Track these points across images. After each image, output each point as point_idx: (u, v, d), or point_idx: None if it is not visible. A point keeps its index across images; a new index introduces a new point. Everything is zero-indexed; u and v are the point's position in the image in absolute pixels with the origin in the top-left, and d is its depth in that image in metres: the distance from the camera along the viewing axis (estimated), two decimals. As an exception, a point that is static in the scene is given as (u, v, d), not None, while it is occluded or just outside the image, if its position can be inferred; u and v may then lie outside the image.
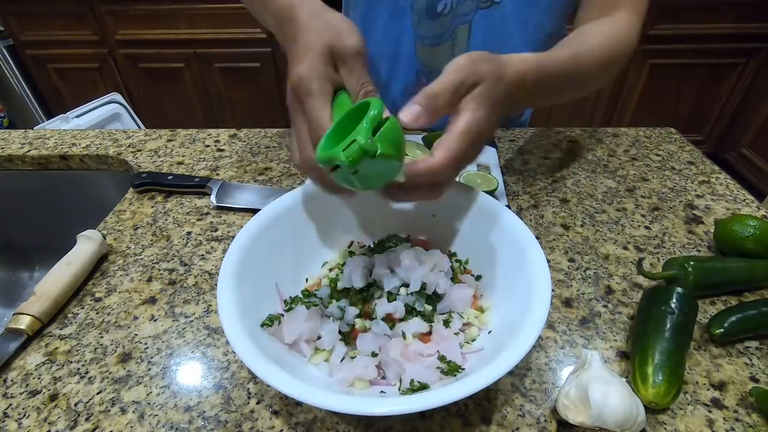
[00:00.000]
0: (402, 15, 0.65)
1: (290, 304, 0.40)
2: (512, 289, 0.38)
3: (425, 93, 0.35)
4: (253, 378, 0.38)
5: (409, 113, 0.35)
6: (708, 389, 0.37)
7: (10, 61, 2.04)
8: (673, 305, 0.39)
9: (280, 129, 0.78)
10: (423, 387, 0.33)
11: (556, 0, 0.63)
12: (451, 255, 0.45)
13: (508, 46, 0.64)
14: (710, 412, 0.35)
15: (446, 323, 0.38)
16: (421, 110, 0.35)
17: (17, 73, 2.08)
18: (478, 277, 0.43)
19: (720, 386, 0.37)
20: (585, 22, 0.58)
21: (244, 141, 0.75)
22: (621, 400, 0.31)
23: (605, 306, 0.45)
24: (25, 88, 2.12)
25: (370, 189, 0.35)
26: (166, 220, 0.58)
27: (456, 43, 0.65)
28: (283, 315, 0.38)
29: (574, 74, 0.49)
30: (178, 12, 1.89)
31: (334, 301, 0.39)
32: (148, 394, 0.37)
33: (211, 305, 0.46)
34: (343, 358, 0.36)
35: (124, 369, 0.39)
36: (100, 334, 0.43)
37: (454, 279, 0.42)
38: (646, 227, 0.55)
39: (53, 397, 0.37)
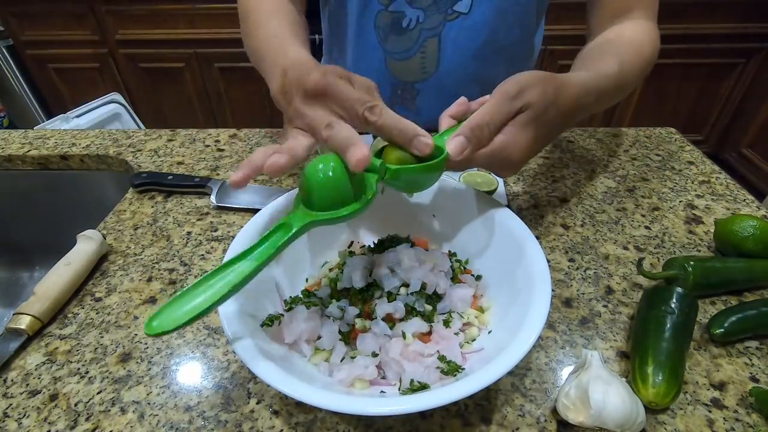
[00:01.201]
0: (366, 32, 0.65)
1: (290, 304, 0.40)
2: (512, 289, 0.38)
3: (470, 125, 0.36)
4: (253, 378, 0.38)
5: (455, 146, 0.36)
6: (708, 389, 0.37)
7: (10, 61, 2.04)
8: (673, 305, 0.39)
9: (280, 129, 0.78)
10: (423, 387, 0.33)
11: (523, 7, 0.63)
12: (451, 255, 0.45)
13: (479, 55, 0.65)
14: (710, 412, 0.35)
15: (446, 323, 0.38)
16: (465, 142, 0.36)
17: (17, 73, 2.08)
18: (478, 277, 0.43)
19: (720, 386, 0.37)
20: (600, 28, 0.59)
21: (244, 141, 0.75)
22: (621, 400, 0.31)
23: (605, 306, 0.45)
24: (25, 88, 2.12)
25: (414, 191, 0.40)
26: (166, 220, 0.58)
27: (426, 56, 0.65)
28: (283, 315, 0.38)
29: (620, 88, 0.51)
30: (178, 12, 1.89)
31: (334, 301, 0.39)
32: (148, 394, 0.37)
33: (211, 305, 0.45)
34: (343, 358, 0.36)
35: (124, 369, 0.39)
36: (100, 334, 0.43)
37: (454, 279, 0.42)
38: (646, 227, 0.55)
39: (53, 397, 0.37)
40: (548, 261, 0.50)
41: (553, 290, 0.46)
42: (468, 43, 0.64)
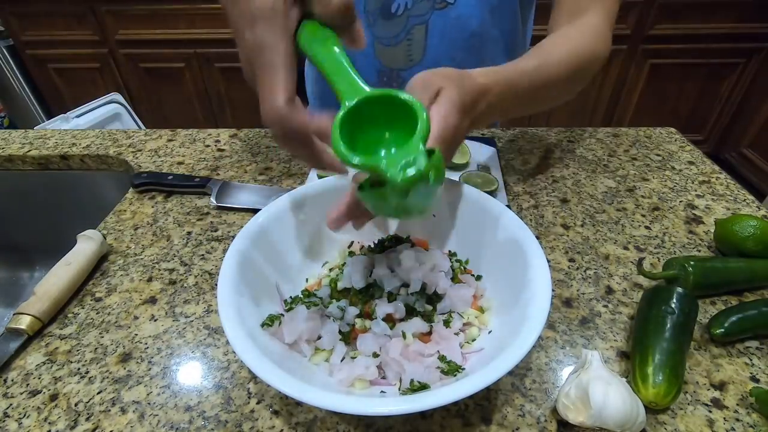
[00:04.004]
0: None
1: (290, 304, 0.40)
2: (512, 289, 0.38)
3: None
4: (253, 378, 0.38)
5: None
6: (708, 389, 0.37)
7: (10, 61, 2.04)
8: (673, 305, 0.39)
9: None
10: (423, 387, 0.33)
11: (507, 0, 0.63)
12: (451, 255, 0.45)
13: (468, 46, 0.64)
14: (710, 412, 0.35)
15: (446, 323, 0.38)
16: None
17: (17, 73, 2.08)
18: (478, 277, 0.43)
19: (720, 386, 0.37)
20: (556, 27, 0.58)
21: (244, 141, 0.75)
22: (621, 400, 0.31)
23: (605, 306, 0.45)
24: (25, 88, 2.12)
25: (394, 217, 0.31)
26: (167, 220, 0.58)
27: (413, 43, 0.65)
28: (283, 315, 0.38)
29: (539, 87, 0.48)
30: (178, 12, 1.89)
31: (334, 301, 0.39)
32: (148, 394, 0.37)
33: (211, 305, 0.46)
34: (343, 358, 0.36)
35: (125, 369, 0.39)
36: (100, 334, 0.43)
37: (454, 279, 0.42)
38: (647, 227, 0.55)
39: (53, 397, 0.37)
40: (548, 261, 0.50)
41: (553, 290, 0.46)
42: (456, 34, 0.63)
